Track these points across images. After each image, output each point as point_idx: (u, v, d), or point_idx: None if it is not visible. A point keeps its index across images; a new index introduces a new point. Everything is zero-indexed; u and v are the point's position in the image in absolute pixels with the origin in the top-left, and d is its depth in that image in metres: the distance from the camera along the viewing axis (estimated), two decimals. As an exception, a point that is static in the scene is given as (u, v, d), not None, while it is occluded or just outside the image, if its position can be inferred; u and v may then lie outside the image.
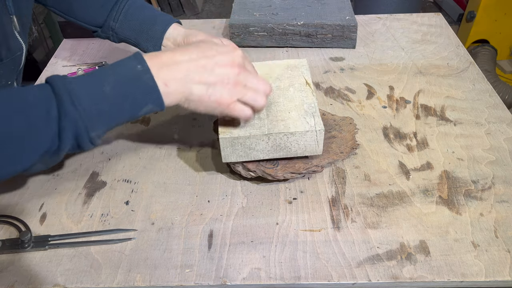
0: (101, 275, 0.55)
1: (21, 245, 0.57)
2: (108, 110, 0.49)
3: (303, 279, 0.54)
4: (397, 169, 0.68)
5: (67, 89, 0.47)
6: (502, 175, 0.67)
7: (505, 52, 2.26)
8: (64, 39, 1.04)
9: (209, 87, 0.53)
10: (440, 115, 0.78)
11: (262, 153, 0.61)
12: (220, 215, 0.62)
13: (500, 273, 0.54)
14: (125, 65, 0.51)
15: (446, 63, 0.92)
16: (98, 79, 0.49)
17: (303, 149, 0.62)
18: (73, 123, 0.47)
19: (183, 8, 2.98)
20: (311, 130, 0.59)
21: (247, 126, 0.60)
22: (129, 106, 0.50)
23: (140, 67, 0.50)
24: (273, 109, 0.62)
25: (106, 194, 0.65)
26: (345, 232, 0.59)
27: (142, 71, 0.50)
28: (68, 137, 0.47)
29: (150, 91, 0.50)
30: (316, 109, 0.62)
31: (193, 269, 0.55)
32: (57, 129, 0.47)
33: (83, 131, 0.48)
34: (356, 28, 0.95)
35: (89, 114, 0.48)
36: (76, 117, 0.47)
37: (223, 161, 0.62)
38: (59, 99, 0.46)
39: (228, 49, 0.56)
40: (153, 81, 0.51)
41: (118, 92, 0.49)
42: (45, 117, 0.46)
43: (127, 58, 0.52)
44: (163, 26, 0.72)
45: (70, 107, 0.46)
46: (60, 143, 0.48)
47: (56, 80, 0.48)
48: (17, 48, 0.68)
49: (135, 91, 0.50)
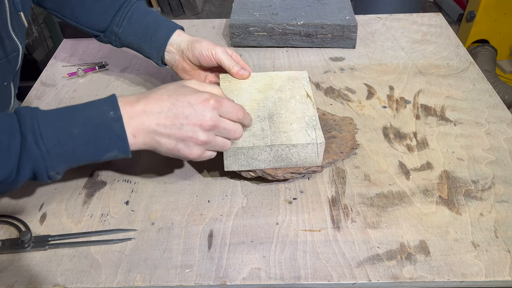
0: (101, 275, 0.55)
1: (21, 245, 0.57)
2: (72, 152, 0.49)
3: (303, 279, 0.54)
4: (397, 169, 0.68)
5: (33, 127, 0.47)
6: (502, 175, 0.67)
7: (505, 52, 2.26)
8: (64, 39, 1.04)
9: (178, 142, 0.53)
10: (440, 115, 0.78)
11: (263, 163, 0.62)
12: (220, 215, 0.62)
13: (500, 273, 0.54)
14: (98, 108, 0.51)
15: (446, 63, 0.92)
16: (68, 119, 0.49)
17: (303, 160, 0.63)
18: (33, 162, 0.48)
19: (183, 8, 2.98)
20: (312, 142, 0.60)
21: (250, 136, 0.61)
22: (94, 149, 0.50)
23: (112, 113, 0.50)
24: (276, 120, 0.63)
25: (106, 194, 0.65)
26: (345, 232, 0.59)
27: (113, 119, 0.50)
28: (26, 173, 0.48)
29: (117, 139, 0.51)
30: (317, 122, 0.63)
31: (193, 269, 0.55)
32: (17, 164, 0.47)
33: (43, 169, 0.48)
34: (356, 28, 0.95)
35: (52, 155, 0.48)
36: (37, 157, 0.47)
37: (225, 170, 0.63)
38: (23, 136, 0.47)
39: (202, 99, 0.53)
40: (123, 130, 0.50)
41: (85, 135, 0.49)
42: (6, 151, 0.47)
43: (102, 100, 0.52)
44: (167, 32, 0.72)
45: (32, 146, 0.47)
46: (17, 176, 0.48)
47: (24, 115, 0.48)
48: (13, 49, 0.68)
49: (103, 136, 0.50)
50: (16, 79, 0.76)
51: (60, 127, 0.48)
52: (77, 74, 0.90)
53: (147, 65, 0.93)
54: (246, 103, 0.66)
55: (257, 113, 0.64)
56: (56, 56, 0.97)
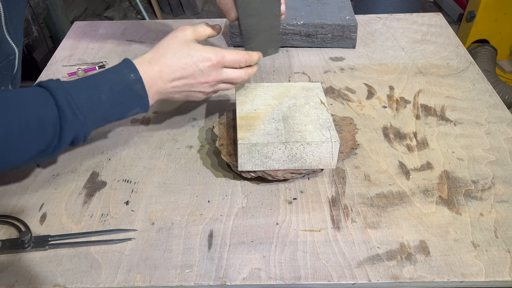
0: (101, 275, 0.55)
1: (21, 245, 0.57)
2: (103, 115, 0.56)
3: (303, 279, 0.54)
4: (397, 169, 0.68)
5: (68, 100, 0.52)
6: (502, 175, 0.67)
7: (505, 52, 2.26)
8: (64, 38, 1.04)
9: (188, 95, 0.65)
10: (440, 115, 0.78)
11: (277, 163, 0.62)
12: (220, 215, 0.62)
13: (500, 273, 0.54)
14: (118, 72, 0.57)
15: (446, 63, 0.92)
16: (95, 88, 0.55)
17: (318, 161, 0.63)
18: (74, 131, 0.53)
19: (183, 8, 2.98)
20: (327, 141, 0.61)
21: (265, 135, 0.62)
22: (120, 110, 0.58)
23: (132, 75, 0.57)
24: (290, 122, 0.64)
25: (106, 194, 0.65)
26: (345, 232, 0.59)
27: (134, 80, 0.57)
28: (67, 141, 0.54)
29: (139, 98, 0.58)
30: (331, 124, 0.64)
31: (193, 269, 0.55)
32: (58, 135, 0.52)
33: (81, 135, 0.55)
34: (356, 28, 0.95)
35: (87, 122, 0.54)
36: (77, 126, 0.53)
37: (239, 169, 0.63)
38: (60, 110, 0.52)
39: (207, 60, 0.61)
40: (144, 91, 0.58)
41: (112, 99, 0.56)
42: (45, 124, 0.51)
43: (119, 65, 0.58)
44: None
45: (71, 117, 0.52)
46: (58, 144, 0.53)
47: (55, 88, 0.52)
48: (9, 53, 0.68)
49: (127, 98, 0.57)
50: (15, 82, 0.76)
51: (90, 97, 0.54)
52: (77, 74, 0.90)
53: (147, 65, 0.93)
54: (261, 107, 0.67)
55: (272, 116, 0.65)
56: (56, 56, 0.97)
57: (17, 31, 0.70)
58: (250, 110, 0.66)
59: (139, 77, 0.57)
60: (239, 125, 0.63)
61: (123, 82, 0.56)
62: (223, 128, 0.71)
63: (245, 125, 0.63)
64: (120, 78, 0.56)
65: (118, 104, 0.56)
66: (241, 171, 0.64)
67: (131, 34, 1.04)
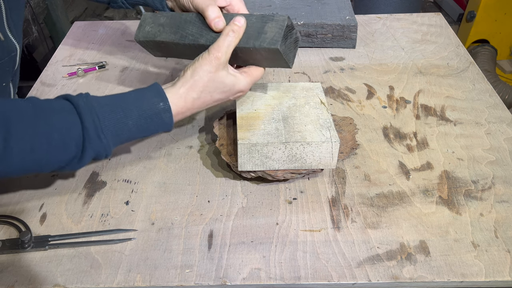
0: (101, 275, 0.55)
1: (21, 245, 0.57)
2: (127, 138, 0.57)
3: (303, 279, 0.54)
4: (397, 169, 0.68)
5: (94, 121, 0.53)
6: (502, 175, 0.67)
7: (505, 52, 2.26)
8: (64, 38, 1.04)
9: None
10: (440, 115, 0.78)
11: (277, 163, 0.62)
12: (220, 215, 0.62)
13: (500, 273, 0.54)
14: (148, 101, 0.57)
15: (446, 63, 0.92)
16: (123, 113, 0.55)
17: (318, 161, 0.63)
18: (96, 151, 0.54)
19: (183, 8, 2.97)
20: (327, 141, 0.61)
21: (265, 135, 0.62)
22: (144, 134, 0.58)
23: (162, 104, 0.57)
24: (290, 122, 0.64)
25: (106, 194, 0.65)
26: (345, 232, 0.59)
27: (163, 109, 0.57)
28: (87, 161, 0.54)
29: (165, 125, 0.58)
30: (331, 124, 0.64)
31: (193, 269, 0.55)
32: (80, 155, 0.53)
33: (103, 155, 0.55)
34: (356, 28, 0.95)
35: (110, 144, 0.54)
36: (99, 148, 0.54)
37: (239, 169, 0.63)
38: (85, 129, 0.52)
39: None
40: (171, 120, 0.58)
41: (139, 126, 0.56)
42: (69, 140, 0.52)
43: (148, 91, 0.58)
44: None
45: (95, 139, 0.53)
46: (80, 161, 0.54)
47: (83, 108, 0.52)
48: (11, 49, 0.69)
49: (154, 125, 0.57)
50: (15, 79, 0.76)
51: (117, 120, 0.54)
52: (77, 74, 0.90)
53: (147, 65, 0.93)
54: (261, 107, 0.67)
55: (272, 116, 0.65)
56: (56, 56, 0.97)
57: (18, 28, 0.70)
58: (250, 110, 0.66)
59: (168, 107, 0.57)
60: (239, 125, 0.63)
61: (152, 111, 0.56)
62: (223, 128, 0.71)
63: (245, 125, 0.63)
64: (149, 106, 0.56)
65: (144, 130, 0.57)
66: (241, 171, 0.63)
67: (131, 34, 1.04)
